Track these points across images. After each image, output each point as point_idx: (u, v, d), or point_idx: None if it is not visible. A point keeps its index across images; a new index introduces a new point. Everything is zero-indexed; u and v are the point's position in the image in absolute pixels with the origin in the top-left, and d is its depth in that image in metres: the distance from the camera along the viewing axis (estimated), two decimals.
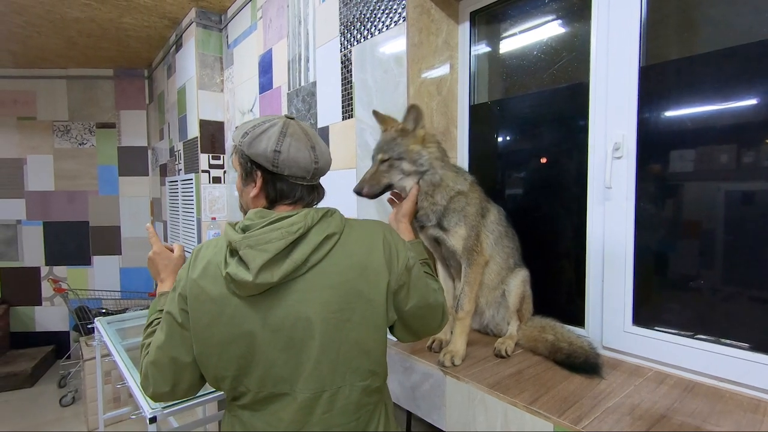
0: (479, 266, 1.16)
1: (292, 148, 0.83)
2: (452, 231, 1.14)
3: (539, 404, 0.88)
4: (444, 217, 1.14)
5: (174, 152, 3.32)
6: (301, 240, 0.78)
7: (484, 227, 1.18)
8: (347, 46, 1.64)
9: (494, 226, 1.20)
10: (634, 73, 1.05)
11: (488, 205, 1.22)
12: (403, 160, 1.13)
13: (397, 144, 1.13)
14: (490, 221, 1.20)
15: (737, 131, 0.95)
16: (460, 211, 1.14)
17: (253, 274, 0.73)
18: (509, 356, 1.14)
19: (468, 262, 1.15)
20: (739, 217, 0.97)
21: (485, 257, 1.17)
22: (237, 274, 0.74)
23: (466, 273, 1.15)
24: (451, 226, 1.14)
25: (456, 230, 1.14)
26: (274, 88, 2.19)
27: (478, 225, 1.16)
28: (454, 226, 1.14)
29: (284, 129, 0.84)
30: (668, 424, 0.80)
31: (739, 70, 0.94)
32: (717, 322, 0.99)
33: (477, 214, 1.16)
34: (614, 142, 1.08)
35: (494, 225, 1.20)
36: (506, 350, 1.14)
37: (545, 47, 1.30)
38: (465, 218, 1.14)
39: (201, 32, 2.72)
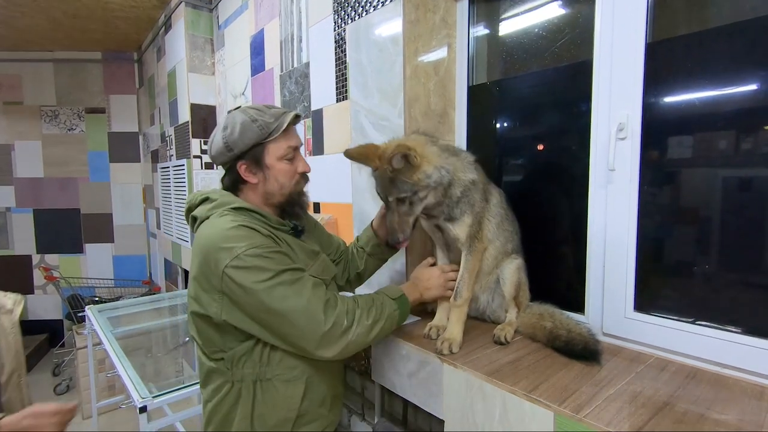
0: (479, 253, 1.12)
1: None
2: (459, 220, 1.10)
3: (539, 392, 0.85)
4: (454, 208, 1.09)
5: (165, 137, 3.25)
6: (189, 212, 1.09)
7: (487, 212, 1.14)
8: (341, 25, 1.58)
9: (497, 210, 1.17)
10: (641, 49, 1.01)
11: (490, 188, 1.17)
12: (418, 192, 1.03)
13: (401, 182, 1.02)
14: (492, 204, 1.16)
15: (753, 109, 0.92)
16: (469, 199, 1.09)
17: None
18: (509, 343, 1.11)
19: (469, 249, 1.11)
20: (747, 203, 0.94)
21: (485, 244, 1.14)
22: None
23: (467, 260, 1.11)
24: (458, 215, 1.10)
25: (463, 219, 1.10)
26: (266, 70, 2.12)
27: (482, 211, 1.12)
28: (461, 215, 1.10)
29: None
30: (671, 411, 0.78)
31: (752, 46, 0.90)
32: (721, 308, 0.97)
33: (482, 199, 1.12)
34: (618, 122, 1.04)
35: (497, 208, 1.17)
36: (506, 337, 1.11)
37: (547, 24, 1.25)
38: (472, 207, 1.10)
39: (190, 12, 2.63)
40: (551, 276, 1.28)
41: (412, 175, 1.02)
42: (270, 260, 0.94)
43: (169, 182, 3.20)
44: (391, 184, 1.03)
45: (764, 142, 0.90)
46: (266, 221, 1.04)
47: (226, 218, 0.98)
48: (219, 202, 1.03)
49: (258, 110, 1.03)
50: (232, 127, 1.01)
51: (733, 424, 0.74)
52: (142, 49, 3.84)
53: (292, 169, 1.08)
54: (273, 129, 1.02)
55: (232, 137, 1.01)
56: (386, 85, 1.38)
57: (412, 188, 1.02)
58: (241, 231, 0.95)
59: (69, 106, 4.09)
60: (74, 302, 3.59)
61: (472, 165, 1.13)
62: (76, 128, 4.12)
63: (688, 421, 0.75)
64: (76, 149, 4.13)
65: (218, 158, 1.06)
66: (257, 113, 1.02)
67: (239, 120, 1.01)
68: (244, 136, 1.01)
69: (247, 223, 0.97)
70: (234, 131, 1.01)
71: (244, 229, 0.96)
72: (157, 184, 3.65)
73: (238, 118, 1.02)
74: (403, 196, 1.03)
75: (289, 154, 1.06)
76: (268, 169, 1.05)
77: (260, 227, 0.99)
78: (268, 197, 1.08)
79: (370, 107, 1.45)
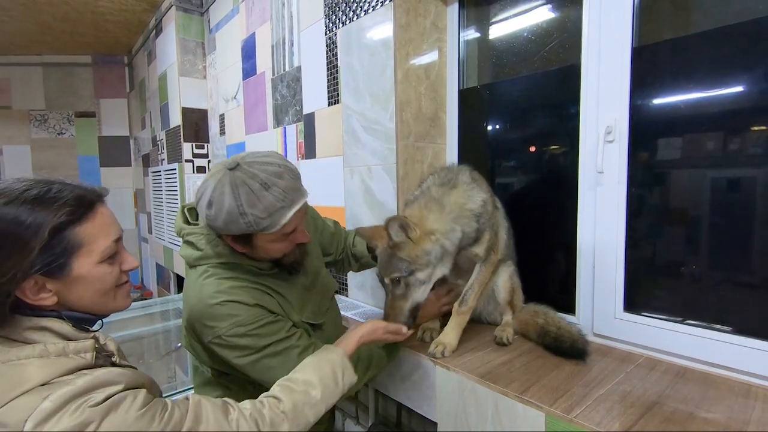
0: (492, 265, 1.11)
1: None
2: (480, 240, 1.05)
3: (530, 393, 0.86)
4: (476, 233, 1.04)
5: (156, 142, 3.23)
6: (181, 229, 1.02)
7: (494, 219, 1.11)
8: (332, 29, 1.58)
9: (503, 221, 1.16)
10: (627, 53, 1.02)
11: (495, 199, 1.14)
12: (415, 272, 0.96)
13: (398, 260, 0.96)
14: (500, 215, 1.15)
15: (738, 111, 0.93)
16: (487, 218, 1.05)
17: None
18: (511, 343, 1.12)
19: (484, 261, 1.09)
20: (735, 203, 0.95)
21: (499, 255, 1.12)
22: None
23: (480, 271, 1.09)
24: (480, 236, 1.05)
25: (483, 237, 1.06)
26: (257, 73, 2.12)
27: (496, 222, 1.10)
28: (481, 234, 1.05)
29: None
30: (660, 410, 0.79)
31: (736, 49, 0.92)
32: (709, 308, 0.98)
33: (494, 209, 1.09)
34: (606, 125, 1.05)
35: (503, 219, 1.16)
36: (507, 338, 1.12)
37: (536, 28, 1.26)
38: (490, 223, 1.06)
39: (181, 16, 2.62)
40: (542, 278, 1.29)
41: (409, 251, 0.95)
42: (254, 338, 0.89)
43: (160, 186, 3.18)
44: (388, 262, 0.96)
45: (751, 142, 0.92)
46: (255, 267, 0.97)
47: (211, 283, 0.91)
48: (206, 254, 0.95)
49: (252, 194, 0.83)
50: (217, 210, 0.84)
51: (721, 422, 0.75)
52: (133, 53, 3.82)
53: (288, 245, 0.95)
54: (263, 227, 0.85)
55: (216, 223, 0.86)
56: (378, 88, 1.39)
57: (408, 268, 0.95)
58: (224, 308, 0.88)
59: (58, 110, 4.05)
60: None
61: (473, 182, 1.06)
62: (65, 132, 4.08)
63: (676, 420, 0.76)
64: (66, 154, 4.09)
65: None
66: (248, 201, 0.83)
67: (226, 206, 0.83)
68: (228, 227, 0.85)
69: (232, 298, 0.89)
70: (218, 217, 0.84)
71: (228, 306, 0.88)
72: (148, 188, 3.62)
73: (225, 201, 0.83)
74: (396, 276, 0.96)
75: (281, 240, 0.92)
76: (259, 248, 0.92)
77: (245, 294, 0.91)
78: (260, 258, 0.97)
79: (362, 111, 1.46)
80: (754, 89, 0.90)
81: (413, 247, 0.95)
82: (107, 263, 0.71)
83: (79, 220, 0.67)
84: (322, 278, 1.14)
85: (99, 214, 0.70)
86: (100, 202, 0.72)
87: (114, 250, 0.72)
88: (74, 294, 0.68)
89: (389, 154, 1.36)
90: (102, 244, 0.69)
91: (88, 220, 0.68)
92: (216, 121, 2.62)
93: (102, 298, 0.72)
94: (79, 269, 0.67)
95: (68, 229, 0.65)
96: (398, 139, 1.34)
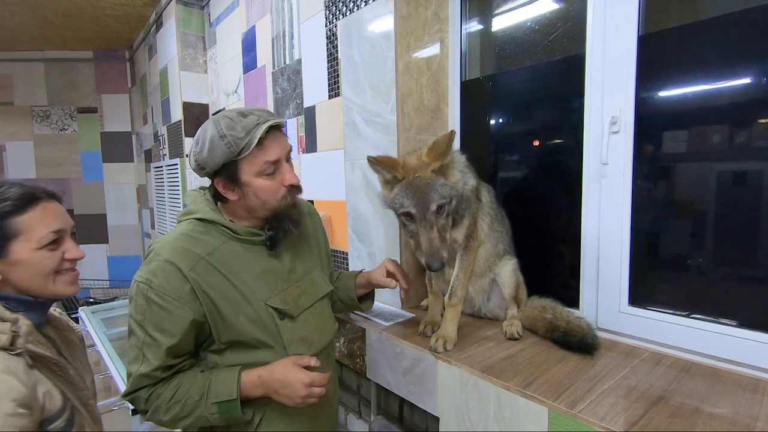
0: (474, 251, 1.12)
1: None
2: (459, 224, 1.07)
3: (533, 388, 0.85)
4: (456, 214, 1.04)
5: (158, 137, 3.23)
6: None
7: (480, 211, 1.13)
8: (332, 21, 1.56)
9: (488, 209, 1.16)
10: (633, 42, 1.00)
11: (480, 186, 1.15)
12: (452, 199, 0.97)
13: (442, 186, 0.95)
14: (484, 204, 1.15)
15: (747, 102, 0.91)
16: (469, 202, 1.06)
17: None
18: (521, 337, 1.11)
19: (465, 249, 1.10)
20: (741, 196, 0.93)
21: (479, 241, 1.13)
22: None
23: (462, 260, 1.10)
24: (459, 220, 1.06)
25: (462, 222, 1.07)
26: (258, 67, 2.10)
27: (476, 210, 1.11)
28: (461, 219, 1.06)
29: None
30: (666, 405, 0.78)
31: (743, 36, 0.89)
32: (715, 301, 0.96)
33: (475, 198, 1.10)
34: (611, 116, 1.03)
35: (488, 208, 1.16)
36: (517, 331, 1.12)
37: (540, 18, 1.24)
38: (470, 208, 1.07)
39: (182, 10, 2.61)
40: (545, 271, 1.27)
41: (449, 176, 0.95)
42: (146, 308, 0.87)
43: (162, 182, 3.17)
44: (431, 190, 0.93)
45: (758, 135, 0.89)
46: (231, 233, 0.95)
47: (176, 235, 0.93)
48: (188, 210, 0.98)
49: (231, 120, 0.90)
50: (202, 143, 0.91)
51: (728, 417, 0.74)
52: (134, 48, 3.81)
53: (275, 184, 0.95)
54: (243, 146, 0.89)
55: (202, 156, 0.91)
56: (378, 81, 1.37)
57: (451, 193, 0.95)
58: (158, 265, 0.88)
59: (60, 106, 4.05)
60: (68, 303, 3.56)
61: (468, 168, 1.09)
62: (68, 128, 4.08)
63: (682, 415, 0.74)
64: (69, 149, 4.09)
65: (197, 173, 0.96)
66: (228, 125, 0.89)
67: (209, 135, 0.90)
68: (212, 155, 0.89)
69: (171, 258, 0.88)
70: (203, 149, 0.90)
71: (164, 265, 0.88)
72: (150, 183, 3.62)
73: (208, 132, 0.90)
74: (442, 203, 0.94)
75: (268, 169, 0.93)
76: (246, 186, 0.93)
77: (186, 261, 0.89)
78: (252, 211, 0.97)
79: (363, 103, 1.44)
80: (764, 79, 0.87)
81: (450, 172, 0.96)
82: (47, 249, 0.83)
83: (18, 212, 0.81)
84: (311, 277, 1.06)
85: (41, 208, 0.84)
86: (47, 199, 0.86)
87: (52, 239, 0.84)
88: (15, 275, 0.82)
89: (390, 147, 1.35)
90: (39, 232, 0.82)
91: (27, 212, 0.82)
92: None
93: (42, 279, 0.84)
94: (18, 253, 0.81)
95: (7, 219, 0.80)
96: (399, 131, 1.33)
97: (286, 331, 0.95)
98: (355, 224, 1.53)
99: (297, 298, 1.00)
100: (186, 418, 0.90)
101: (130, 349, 0.91)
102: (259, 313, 0.93)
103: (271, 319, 0.94)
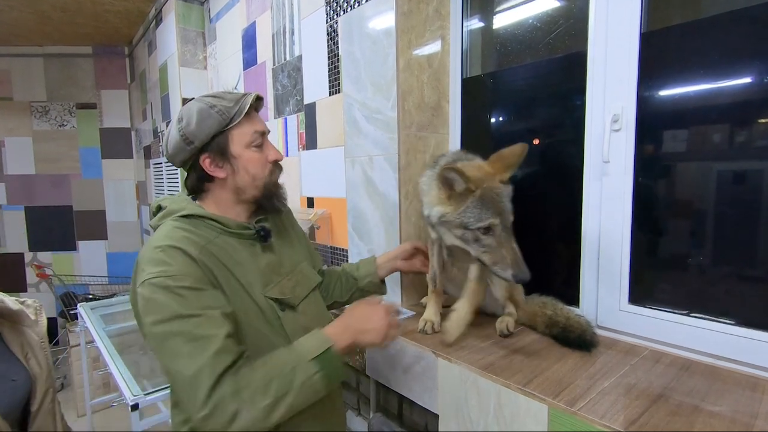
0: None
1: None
2: None
3: (533, 386, 0.85)
4: None
5: (157, 133, 3.22)
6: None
7: None
8: (333, 17, 1.55)
9: None
10: (635, 39, 1.00)
11: None
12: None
13: (510, 194, 0.97)
14: None
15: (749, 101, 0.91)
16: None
17: None
18: (512, 333, 1.11)
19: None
20: (747, 195, 0.93)
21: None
22: None
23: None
24: None
25: None
26: (258, 63, 2.10)
27: None
28: None
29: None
30: (665, 403, 0.78)
31: (747, 34, 0.89)
32: (715, 300, 0.96)
33: None
34: (613, 113, 1.03)
35: None
36: (507, 327, 1.11)
37: (541, 14, 1.23)
38: None
39: (181, 6, 2.59)
40: (545, 269, 1.27)
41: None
42: (176, 298, 0.77)
43: (162, 178, 3.17)
44: (508, 200, 0.93)
45: (759, 135, 0.89)
46: (222, 227, 0.93)
47: (166, 230, 0.87)
48: (169, 210, 0.93)
49: (215, 96, 0.93)
50: (188, 117, 0.90)
51: (727, 416, 0.74)
52: (133, 44, 3.79)
53: (263, 157, 0.96)
54: (234, 113, 0.91)
55: (189, 128, 0.89)
56: (379, 77, 1.37)
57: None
58: (162, 254, 0.81)
59: (60, 102, 4.03)
60: (67, 300, 3.55)
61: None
62: (67, 124, 4.07)
63: (682, 413, 0.74)
64: (68, 145, 4.08)
65: (177, 156, 0.93)
66: (214, 99, 0.92)
67: (195, 109, 0.90)
68: (203, 125, 0.89)
69: (177, 244, 0.83)
70: (191, 122, 0.89)
71: (167, 252, 0.82)
72: (150, 180, 3.61)
73: (194, 107, 0.91)
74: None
75: (257, 140, 0.95)
76: (236, 159, 0.93)
77: (192, 247, 0.84)
78: (240, 192, 0.96)
79: (364, 100, 1.44)
80: (766, 78, 0.87)
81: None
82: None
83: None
84: (300, 269, 1.06)
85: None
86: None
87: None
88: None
89: (391, 144, 1.34)
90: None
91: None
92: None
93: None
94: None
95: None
96: (400, 128, 1.32)
97: (288, 322, 0.94)
98: (355, 222, 1.53)
99: (293, 289, 0.99)
100: (287, 395, 0.76)
101: (175, 359, 0.74)
102: (260, 306, 0.91)
103: (273, 312, 0.93)
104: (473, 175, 0.91)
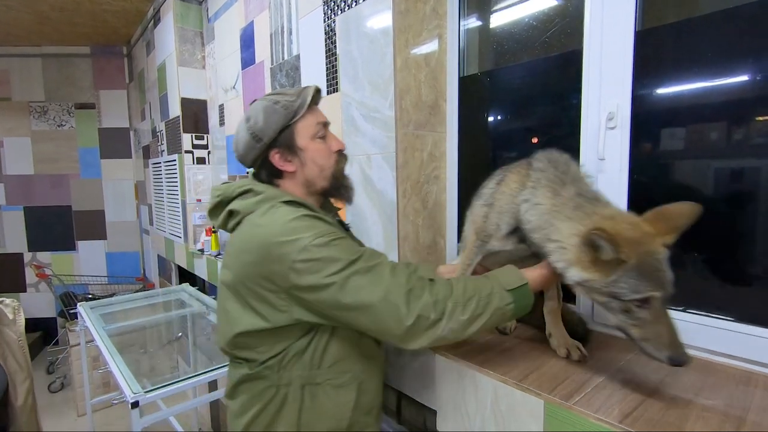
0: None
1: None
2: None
3: (529, 381, 0.86)
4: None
5: (156, 133, 3.22)
6: (222, 205, 0.97)
7: None
8: (331, 16, 1.56)
9: None
10: (630, 37, 1.00)
11: None
12: None
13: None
14: None
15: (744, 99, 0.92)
16: None
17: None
18: (511, 332, 1.12)
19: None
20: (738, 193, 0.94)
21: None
22: None
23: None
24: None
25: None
26: (256, 63, 2.10)
27: None
28: None
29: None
30: (660, 398, 0.79)
31: (742, 32, 0.90)
32: (710, 296, 0.97)
33: None
34: (608, 111, 1.04)
35: None
36: (509, 327, 1.13)
37: (537, 13, 1.24)
38: None
39: (179, 5, 2.60)
40: None
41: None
42: (339, 248, 0.84)
43: (161, 178, 3.17)
44: (669, 268, 0.78)
45: (755, 132, 0.90)
46: (314, 211, 0.95)
47: (282, 210, 0.88)
48: (266, 196, 0.93)
49: (277, 93, 0.98)
50: (255, 116, 0.95)
51: (720, 409, 0.75)
52: (132, 44, 3.79)
53: (327, 147, 1.00)
54: (297, 106, 0.95)
55: (258, 126, 0.94)
56: (377, 76, 1.37)
57: None
58: (304, 221, 0.86)
59: (58, 102, 4.04)
60: (67, 300, 3.56)
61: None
62: (65, 124, 4.07)
63: (676, 407, 0.75)
64: (67, 145, 4.09)
65: (248, 154, 0.97)
66: (277, 96, 0.96)
67: (260, 107, 0.95)
68: (269, 121, 0.94)
69: (309, 213, 0.89)
70: (258, 119, 0.94)
71: (308, 219, 0.87)
72: (149, 180, 3.62)
73: (259, 105, 0.96)
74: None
75: (321, 132, 0.99)
76: (303, 151, 0.96)
77: (324, 215, 0.92)
78: (310, 185, 0.99)
79: (361, 99, 1.44)
80: (758, 76, 0.88)
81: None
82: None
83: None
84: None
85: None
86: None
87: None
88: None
89: (389, 143, 1.35)
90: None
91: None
92: (215, 111, 2.61)
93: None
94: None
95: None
96: (398, 127, 1.33)
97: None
98: (353, 220, 1.54)
99: None
100: (482, 316, 0.82)
101: (359, 293, 0.81)
102: None
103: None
104: (628, 237, 0.74)
